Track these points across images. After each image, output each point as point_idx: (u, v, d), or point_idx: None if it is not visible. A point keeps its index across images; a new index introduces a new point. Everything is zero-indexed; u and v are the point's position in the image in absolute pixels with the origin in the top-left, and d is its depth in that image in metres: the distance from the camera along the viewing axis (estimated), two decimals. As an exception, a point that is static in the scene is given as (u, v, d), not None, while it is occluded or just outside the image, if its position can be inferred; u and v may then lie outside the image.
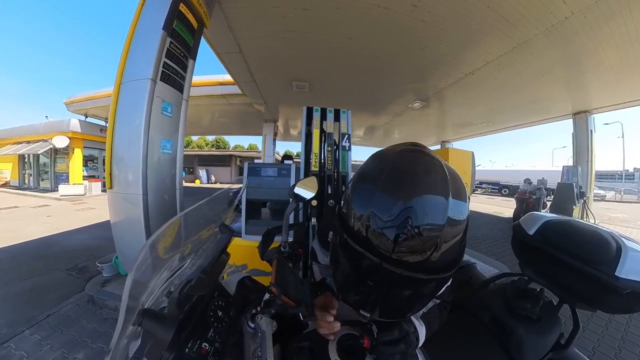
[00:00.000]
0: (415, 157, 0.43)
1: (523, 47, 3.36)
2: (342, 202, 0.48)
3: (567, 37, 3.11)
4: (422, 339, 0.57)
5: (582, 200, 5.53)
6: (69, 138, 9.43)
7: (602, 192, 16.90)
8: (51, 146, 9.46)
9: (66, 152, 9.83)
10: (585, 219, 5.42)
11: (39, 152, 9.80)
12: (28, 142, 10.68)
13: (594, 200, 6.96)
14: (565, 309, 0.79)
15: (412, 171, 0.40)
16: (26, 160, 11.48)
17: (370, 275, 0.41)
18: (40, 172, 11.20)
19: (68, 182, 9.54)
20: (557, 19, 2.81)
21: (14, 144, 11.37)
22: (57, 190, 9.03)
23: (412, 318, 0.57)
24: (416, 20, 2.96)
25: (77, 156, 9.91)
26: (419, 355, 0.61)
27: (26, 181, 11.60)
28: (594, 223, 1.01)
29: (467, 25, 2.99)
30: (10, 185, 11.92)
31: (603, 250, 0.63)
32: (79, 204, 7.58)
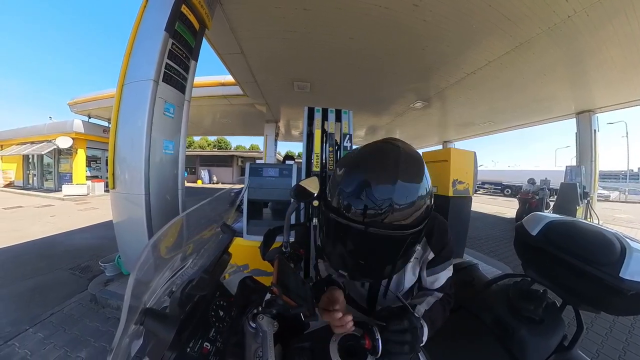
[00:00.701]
0: (377, 145, 0.54)
1: (525, 46, 3.34)
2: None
3: (570, 36, 3.08)
4: (424, 338, 0.57)
5: (586, 201, 5.48)
6: (73, 139, 9.52)
7: (606, 192, 16.73)
8: (55, 147, 9.56)
9: (70, 152, 9.92)
10: (589, 220, 5.37)
11: (43, 153, 9.90)
12: (32, 142, 10.79)
13: (597, 200, 6.90)
14: (569, 310, 0.78)
15: (368, 158, 0.52)
16: (30, 160, 11.60)
17: (341, 235, 0.51)
18: (44, 172, 11.31)
19: (71, 182, 9.62)
20: (560, 18, 2.79)
21: (18, 144, 11.49)
22: (61, 190, 9.11)
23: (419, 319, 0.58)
24: (417, 19, 2.95)
25: (81, 156, 10.00)
26: (420, 356, 0.61)
27: (30, 181, 11.71)
28: (598, 223, 1.01)
29: (469, 25, 2.98)
30: (14, 185, 12.04)
31: (607, 251, 0.63)
32: (82, 204, 7.64)
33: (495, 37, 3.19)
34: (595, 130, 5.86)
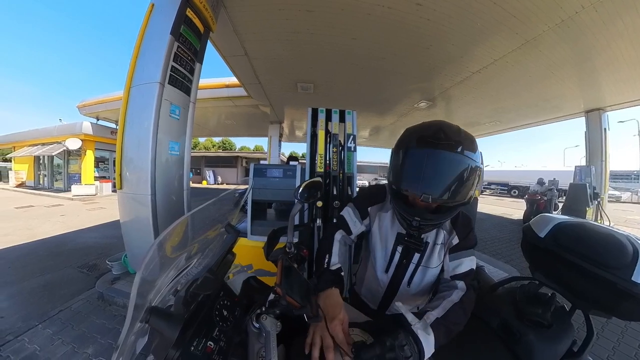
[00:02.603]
0: (437, 122, 0.66)
1: (532, 44, 3.27)
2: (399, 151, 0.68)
3: (577, 32, 3.01)
4: (428, 350, 0.54)
5: (596, 202, 5.34)
6: (81, 140, 9.75)
7: (617, 193, 16.28)
8: (64, 148, 9.79)
9: (78, 153, 10.16)
10: (599, 221, 5.24)
11: (53, 154, 10.16)
12: (43, 144, 11.09)
13: (608, 201, 6.72)
14: (579, 315, 0.76)
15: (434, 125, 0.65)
16: (41, 161, 11.92)
17: (422, 158, 0.62)
18: (54, 172, 11.60)
19: (80, 182, 9.85)
20: (567, 14, 2.73)
21: (29, 146, 11.83)
22: (70, 191, 9.34)
23: (418, 330, 0.55)
24: (421, 19, 2.93)
25: (89, 157, 10.22)
26: (424, 359, 0.60)
27: (41, 181, 12.04)
28: (609, 225, 0.98)
29: (473, 23, 2.94)
30: (26, 185, 12.38)
31: (619, 253, 0.61)
32: (90, 204, 7.80)
33: (500, 35, 3.14)
34: (605, 129, 5.71)
